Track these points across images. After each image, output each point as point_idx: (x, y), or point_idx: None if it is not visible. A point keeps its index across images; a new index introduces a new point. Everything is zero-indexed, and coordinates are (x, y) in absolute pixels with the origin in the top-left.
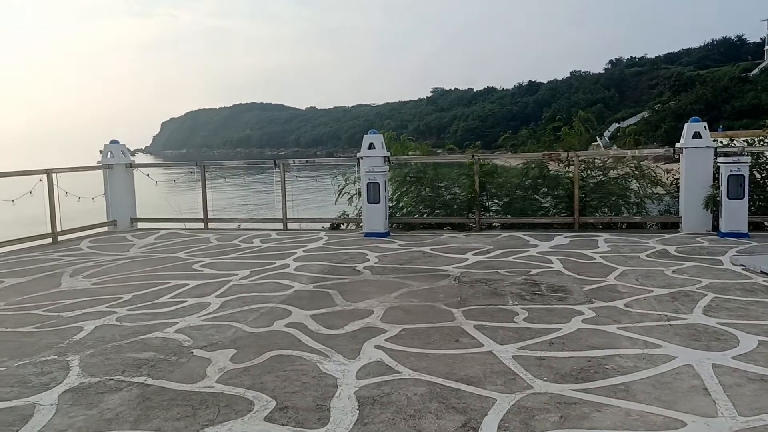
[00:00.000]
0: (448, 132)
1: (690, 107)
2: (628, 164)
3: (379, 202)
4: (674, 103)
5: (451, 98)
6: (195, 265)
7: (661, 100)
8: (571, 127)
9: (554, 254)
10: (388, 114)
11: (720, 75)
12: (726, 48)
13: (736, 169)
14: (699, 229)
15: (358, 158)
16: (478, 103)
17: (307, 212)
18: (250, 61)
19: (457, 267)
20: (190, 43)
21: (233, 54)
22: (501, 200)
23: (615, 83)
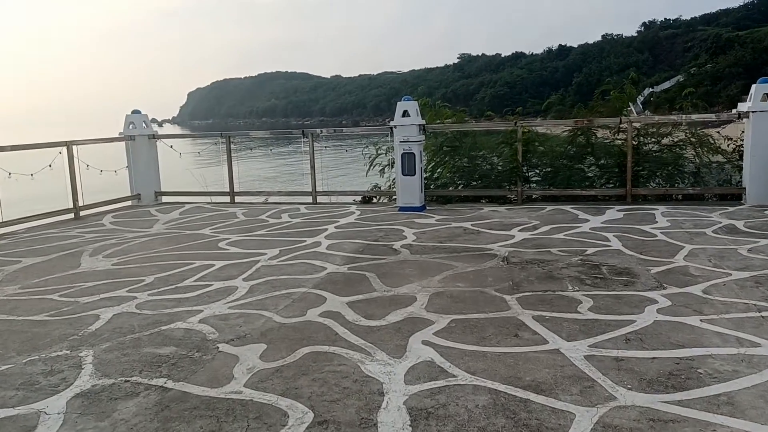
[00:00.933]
0: (476, 99)
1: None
2: (683, 130)
3: (414, 174)
4: (711, 66)
5: (479, 64)
6: (221, 243)
7: (697, 63)
8: (621, 91)
9: (609, 230)
10: (413, 81)
11: (761, 36)
12: (767, 7)
13: None
14: (766, 201)
15: (391, 127)
16: (506, 69)
17: (338, 185)
18: (274, 29)
19: (504, 245)
20: (213, 13)
21: (258, 23)
22: (542, 170)
23: (648, 46)
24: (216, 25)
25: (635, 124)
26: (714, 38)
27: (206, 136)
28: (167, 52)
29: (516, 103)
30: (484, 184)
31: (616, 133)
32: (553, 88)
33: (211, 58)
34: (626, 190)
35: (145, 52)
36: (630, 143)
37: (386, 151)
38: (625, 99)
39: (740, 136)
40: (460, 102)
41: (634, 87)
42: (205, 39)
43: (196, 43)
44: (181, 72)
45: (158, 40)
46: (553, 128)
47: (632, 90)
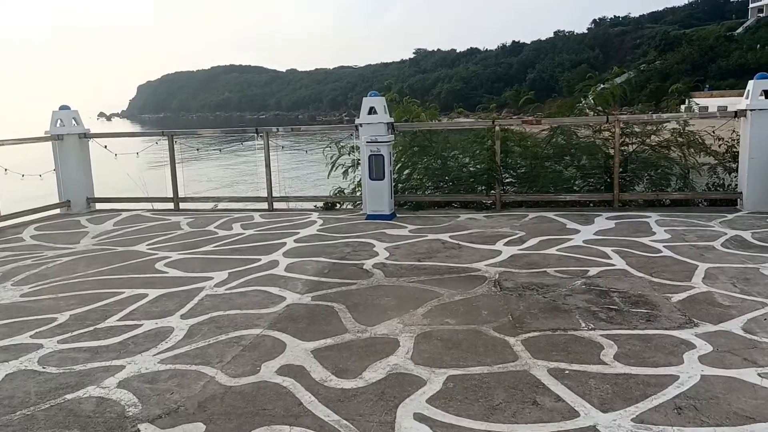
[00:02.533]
0: (432, 94)
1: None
2: (668, 129)
3: (383, 178)
4: (660, 62)
5: (434, 60)
6: (159, 263)
7: (646, 60)
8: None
9: (605, 244)
10: (370, 76)
11: (705, 34)
12: (710, 6)
13: None
14: (764, 207)
15: (356, 125)
16: (462, 64)
17: (297, 189)
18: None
19: (492, 264)
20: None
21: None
22: (519, 172)
23: (599, 43)
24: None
25: (621, 122)
26: (662, 36)
27: (147, 134)
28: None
29: (472, 98)
30: (457, 188)
31: (597, 132)
32: (508, 83)
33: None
34: (613, 195)
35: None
36: (617, 144)
37: (349, 151)
38: (607, 96)
39: (732, 137)
40: (417, 97)
41: (617, 85)
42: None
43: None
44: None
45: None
46: (529, 127)
47: (617, 88)
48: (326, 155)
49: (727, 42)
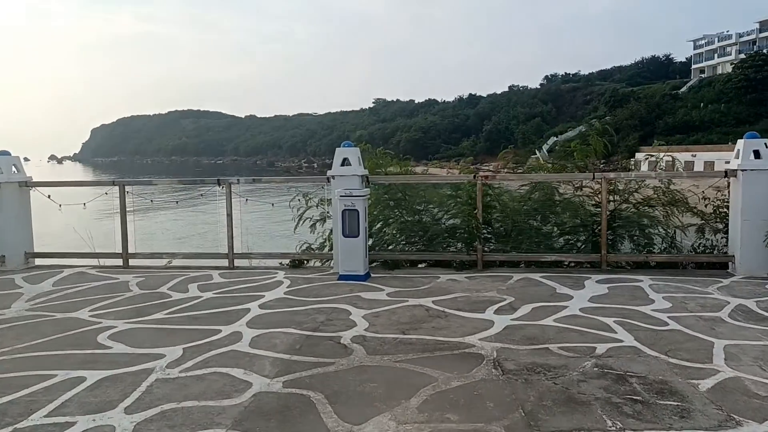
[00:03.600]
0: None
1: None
2: (651, 186)
3: (357, 235)
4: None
5: (393, 109)
6: (102, 334)
7: (597, 115)
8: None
9: (604, 313)
10: (330, 124)
11: (652, 92)
12: (655, 66)
13: None
14: (758, 272)
15: (328, 177)
16: (420, 114)
17: (260, 243)
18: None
19: (486, 338)
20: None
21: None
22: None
23: (552, 98)
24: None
25: (609, 179)
26: (612, 92)
27: (96, 184)
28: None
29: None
30: (433, 245)
31: (578, 188)
32: (465, 134)
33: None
34: (601, 255)
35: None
36: (605, 202)
37: (317, 203)
38: (590, 151)
39: (717, 196)
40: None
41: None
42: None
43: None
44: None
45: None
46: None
47: (597, 142)
48: (293, 207)
49: (672, 100)
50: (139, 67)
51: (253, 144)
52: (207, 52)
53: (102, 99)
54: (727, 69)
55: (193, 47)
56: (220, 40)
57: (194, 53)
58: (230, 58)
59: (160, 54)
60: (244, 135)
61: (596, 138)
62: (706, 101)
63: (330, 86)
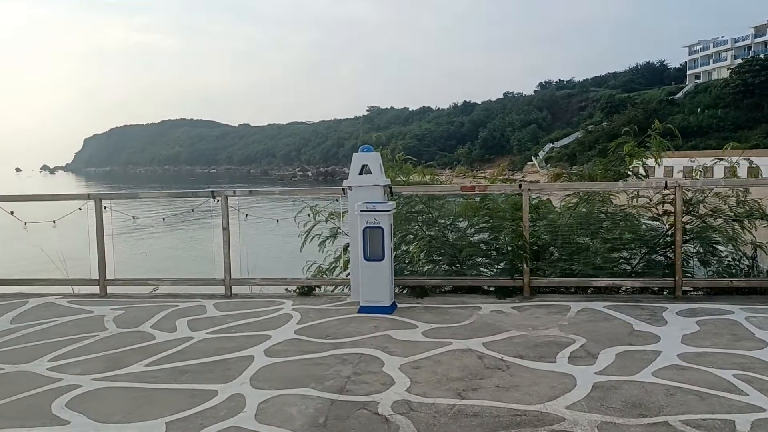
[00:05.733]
0: (387, 156)
1: (623, 128)
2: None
3: (382, 258)
4: (606, 123)
5: (388, 117)
6: (60, 399)
7: (593, 121)
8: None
9: (712, 361)
10: (324, 132)
11: (649, 98)
12: (650, 72)
13: None
14: None
15: (344, 188)
16: (415, 122)
17: (262, 267)
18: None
19: (574, 406)
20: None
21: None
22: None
23: (547, 105)
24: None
25: (685, 188)
26: (608, 99)
27: (68, 197)
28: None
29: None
30: (468, 269)
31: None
32: (460, 141)
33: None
34: (675, 281)
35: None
36: (679, 216)
37: (326, 218)
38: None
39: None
40: None
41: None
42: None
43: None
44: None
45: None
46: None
47: (660, 144)
48: (297, 221)
49: (669, 105)
50: (131, 77)
51: (246, 153)
52: (200, 61)
53: (95, 109)
54: (723, 74)
55: (186, 56)
56: (212, 49)
57: (187, 62)
58: (223, 66)
59: (153, 63)
60: (237, 144)
61: (658, 139)
62: (703, 106)
63: (324, 94)
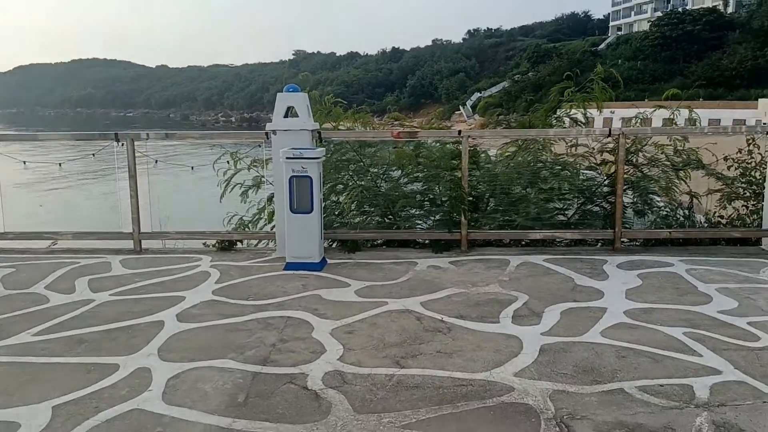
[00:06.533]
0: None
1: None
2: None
3: (310, 210)
4: (533, 74)
5: (315, 62)
6: None
7: (519, 71)
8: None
9: (659, 318)
10: (248, 75)
11: (573, 48)
12: (575, 23)
13: None
14: None
15: (267, 132)
16: (342, 68)
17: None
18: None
19: (523, 372)
20: None
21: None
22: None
23: (475, 53)
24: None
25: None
26: (534, 48)
27: None
28: None
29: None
30: (401, 221)
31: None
32: (389, 89)
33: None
34: (614, 232)
35: None
36: (620, 165)
37: (249, 166)
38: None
39: (739, 156)
40: None
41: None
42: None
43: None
44: None
45: None
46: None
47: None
48: (217, 170)
49: (592, 57)
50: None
51: (165, 96)
52: None
53: None
54: (644, 27)
55: None
56: None
57: None
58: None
59: None
60: (155, 86)
61: (600, 85)
62: (624, 58)
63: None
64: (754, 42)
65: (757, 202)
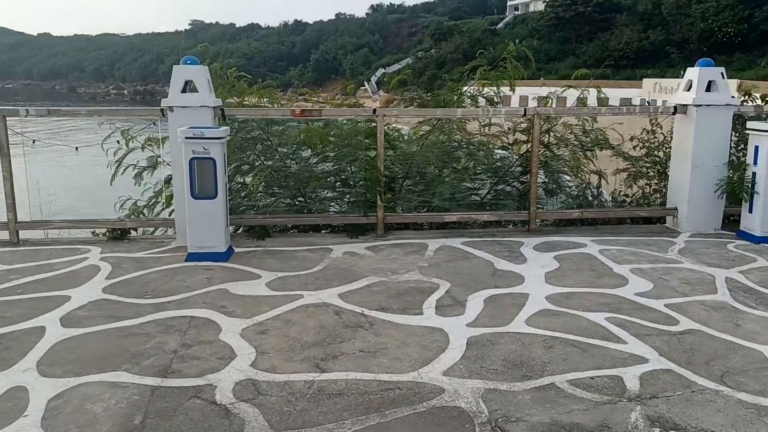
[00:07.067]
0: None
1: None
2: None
3: (214, 195)
4: (435, 51)
5: (213, 33)
6: None
7: (423, 47)
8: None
9: (580, 303)
10: (141, 46)
11: (473, 27)
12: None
13: None
14: (705, 228)
15: (163, 109)
16: (243, 39)
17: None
18: None
19: (452, 371)
20: None
21: None
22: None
23: (378, 28)
24: None
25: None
26: (436, 26)
27: None
28: None
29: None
30: (313, 203)
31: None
32: (292, 62)
33: None
34: (529, 213)
35: None
36: (535, 146)
37: (143, 145)
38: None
39: (643, 136)
40: None
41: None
42: None
43: None
44: None
45: None
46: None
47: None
48: (107, 150)
49: (491, 35)
50: None
51: (49, 66)
52: None
53: None
54: (539, 7)
55: None
56: None
57: None
58: None
59: None
60: (38, 56)
61: (513, 63)
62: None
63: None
64: (639, 24)
65: (660, 181)
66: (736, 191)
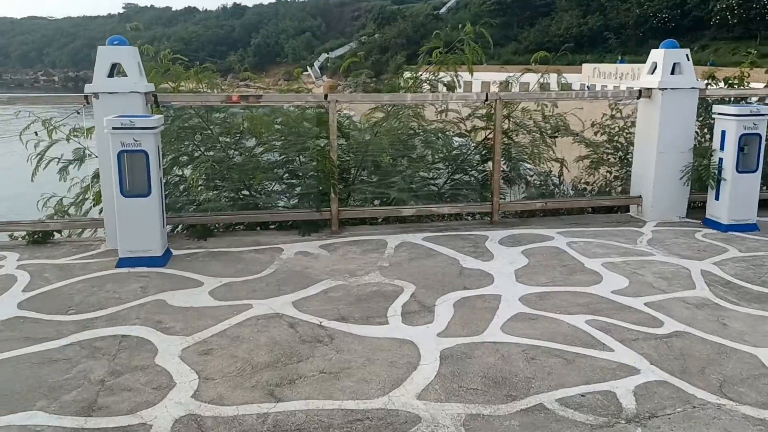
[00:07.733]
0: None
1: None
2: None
3: (148, 193)
4: (379, 36)
5: (148, 16)
6: None
7: (366, 32)
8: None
9: (556, 304)
10: (71, 30)
11: (416, 11)
12: None
13: (753, 126)
14: (669, 216)
15: (88, 95)
16: (180, 23)
17: None
18: None
19: (426, 393)
20: None
21: None
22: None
23: (320, 12)
24: None
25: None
26: (380, 10)
27: None
28: None
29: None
30: (268, 197)
31: (442, 114)
32: (232, 47)
33: None
34: (493, 205)
35: None
36: (498, 133)
37: (68, 136)
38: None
39: (603, 122)
40: None
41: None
42: None
43: None
44: None
45: None
46: None
47: (474, 51)
48: (26, 142)
49: (435, 20)
50: None
51: None
52: None
53: None
54: None
55: None
56: None
57: None
58: None
59: None
60: None
61: (471, 45)
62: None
63: None
64: (578, 10)
65: (621, 168)
66: (702, 177)
